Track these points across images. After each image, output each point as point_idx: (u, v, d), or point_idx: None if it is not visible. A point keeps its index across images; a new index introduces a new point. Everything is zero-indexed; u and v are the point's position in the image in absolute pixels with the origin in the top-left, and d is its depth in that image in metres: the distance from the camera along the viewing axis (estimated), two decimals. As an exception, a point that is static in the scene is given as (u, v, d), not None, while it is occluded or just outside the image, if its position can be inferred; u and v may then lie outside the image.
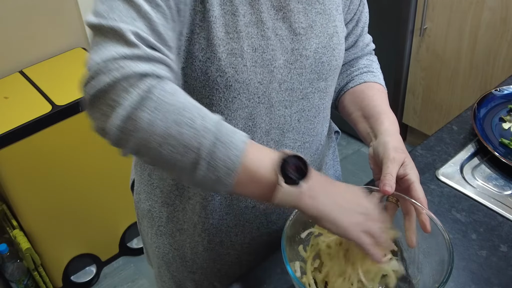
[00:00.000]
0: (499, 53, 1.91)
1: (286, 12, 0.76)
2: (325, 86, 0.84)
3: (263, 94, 0.76)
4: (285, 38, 0.76)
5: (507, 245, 0.84)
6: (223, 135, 0.59)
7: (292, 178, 0.61)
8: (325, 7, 0.80)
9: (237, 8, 0.72)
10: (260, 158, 0.61)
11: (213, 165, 0.58)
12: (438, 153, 1.03)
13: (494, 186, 0.96)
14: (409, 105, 2.36)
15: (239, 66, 0.72)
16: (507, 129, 1.07)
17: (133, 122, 0.56)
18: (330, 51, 0.81)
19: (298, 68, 0.78)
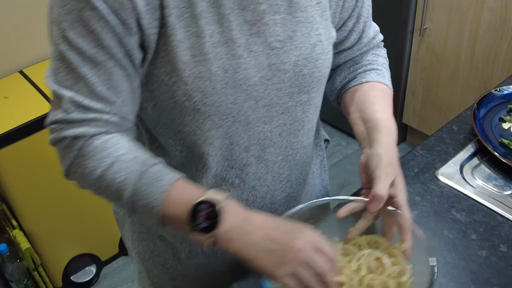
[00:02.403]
0: (499, 53, 1.91)
1: (260, 26, 0.72)
2: (308, 99, 0.80)
3: (238, 113, 0.74)
4: (260, 53, 0.72)
5: (507, 245, 0.84)
6: (143, 187, 0.67)
7: (201, 227, 0.65)
8: (307, 14, 0.75)
9: (203, 29, 0.68)
10: (175, 207, 0.67)
11: (138, 212, 0.69)
12: (438, 153, 1.03)
13: (494, 186, 0.96)
14: (409, 105, 2.36)
15: (207, 89, 0.70)
16: (507, 129, 1.07)
17: (72, 175, 0.72)
18: (312, 62, 0.76)
19: (276, 83, 0.74)
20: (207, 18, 0.68)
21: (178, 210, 0.66)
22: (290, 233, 0.65)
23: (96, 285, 1.98)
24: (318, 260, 0.64)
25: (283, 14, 0.73)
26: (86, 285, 1.95)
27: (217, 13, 0.68)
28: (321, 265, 0.64)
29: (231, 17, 0.69)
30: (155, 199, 0.67)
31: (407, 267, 0.70)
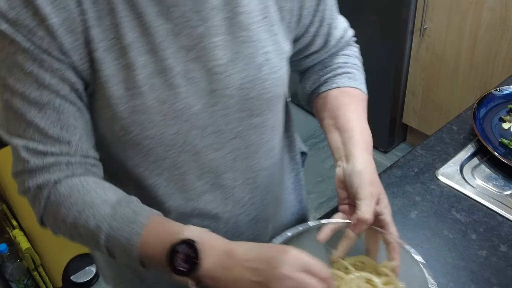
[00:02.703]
0: (499, 53, 1.91)
1: (199, 51, 0.67)
2: (261, 121, 0.75)
3: (183, 144, 0.70)
4: (200, 80, 0.67)
5: (507, 245, 0.84)
6: (115, 232, 0.64)
7: (180, 270, 0.61)
8: (251, 33, 0.69)
9: (134, 60, 0.64)
10: (152, 250, 0.63)
11: (116, 257, 0.66)
12: (438, 153, 1.03)
13: (493, 186, 0.96)
14: (409, 105, 2.36)
15: (145, 123, 0.66)
16: (507, 129, 1.07)
17: (46, 224, 0.70)
18: (259, 84, 0.71)
19: (222, 110, 0.70)
20: (138, 49, 0.64)
21: (155, 252, 0.62)
22: (272, 261, 0.59)
23: (96, 285, 1.98)
24: (308, 282, 0.59)
25: (223, 36, 0.68)
26: (86, 285, 1.95)
27: (149, 42, 0.64)
28: (308, 285, 0.59)
29: (164, 45, 0.65)
30: (130, 244, 0.63)
31: (400, 285, 0.69)
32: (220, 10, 0.67)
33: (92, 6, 0.61)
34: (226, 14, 0.68)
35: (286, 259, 0.59)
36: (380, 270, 0.71)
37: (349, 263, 0.72)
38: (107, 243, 0.64)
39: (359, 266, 0.73)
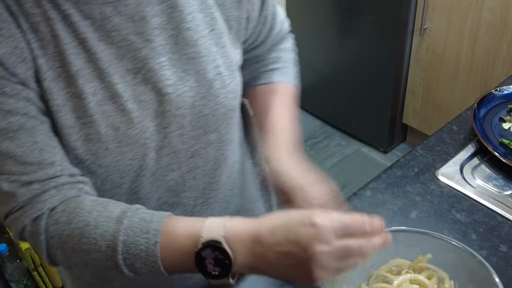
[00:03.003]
0: (499, 53, 1.91)
1: (145, 73, 0.65)
2: (218, 137, 0.74)
3: (139, 168, 0.68)
4: (151, 102, 0.66)
5: (507, 245, 0.84)
6: (130, 248, 0.58)
7: (214, 275, 0.57)
8: (199, 48, 0.68)
9: (83, 88, 0.62)
10: (177, 258, 0.58)
11: (139, 273, 0.60)
12: (438, 153, 1.03)
13: (494, 186, 0.96)
14: (409, 105, 2.36)
15: (99, 151, 0.64)
16: (507, 129, 1.06)
17: (55, 259, 0.63)
18: (212, 100, 0.69)
19: (176, 130, 0.69)
20: (86, 76, 0.62)
21: (181, 260, 0.58)
22: (301, 241, 0.54)
23: (96, 285, 1.98)
24: (350, 246, 0.55)
25: (169, 54, 0.66)
26: (86, 285, 1.95)
27: (95, 68, 0.62)
28: (353, 251, 0.55)
29: (111, 70, 0.63)
30: (150, 256, 0.58)
31: (443, 273, 0.71)
32: (164, 29, 0.66)
33: (34, 35, 0.59)
34: (170, 32, 0.66)
35: (314, 234, 0.54)
36: (417, 267, 0.72)
37: (385, 271, 0.73)
38: (125, 262, 0.59)
39: (394, 270, 0.73)
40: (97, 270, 0.62)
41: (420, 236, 0.74)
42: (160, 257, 0.58)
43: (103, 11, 0.61)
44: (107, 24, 0.62)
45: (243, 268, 0.57)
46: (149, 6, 0.64)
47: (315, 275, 0.54)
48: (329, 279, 0.57)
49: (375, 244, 0.56)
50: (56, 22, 0.60)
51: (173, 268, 0.59)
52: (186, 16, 0.66)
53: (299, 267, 0.55)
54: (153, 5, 0.64)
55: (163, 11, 0.65)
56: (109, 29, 0.62)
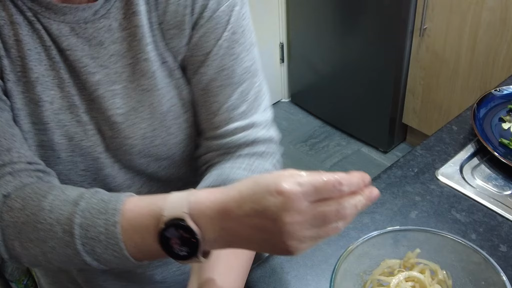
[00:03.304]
0: (499, 53, 1.91)
1: (95, 98, 0.64)
2: (170, 162, 0.72)
3: (94, 180, 0.68)
4: (102, 123, 0.65)
5: (507, 245, 0.84)
6: (87, 231, 0.53)
7: (182, 255, 0.52)
8: (155, 81, 0.65)
9: (41, 95, 0.61)
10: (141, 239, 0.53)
11: (102, 261, 0.54)
12: (437, 153, 1.03)
13: (493, 186, 0.96)
14: (409, 105, 2.36)
15: (51, 158, 0.63)
16: (506, 129, 1.06)
17: (13, 252, 0.56)
18: (164, 131, 0.67)
19: (125, 155, 0.67)
20: (46, 83, 0.61)
21: (145, 242, 0.52)
22: (269, 212, 0.47)
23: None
24: (322, 211, 0.48)
25: (124, 83, 0.64)
26: (86, 285, 1.95)
27: (57, 76, 0.62)
28: (331, 213, 0.48)
29: (71, 81, 0.63)
30: (111, 238, 0.53)
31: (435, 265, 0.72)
32: (122, 57, 0.64)
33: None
34: (128, 61, 0.64)
35: (282, 204, 0.47)
36: (408, 264, 0.72)
37: (378, 275, 0.73)
38: (85, 247, 0.53)
39: (387, 272, 0.74)
40: (59, 262, 0.56)
41: (420, 235, 0.74)
42: (122, 239, 0.52)
43: (61, 29, 0.61)
44: (63, 42, 0.61)
45: (215, 244, 0.52)
46: (110, 32, 0.63)
47: (290, 247, 0.49)
48: (309, 248, 0.50)
49: (356, 203, 0.49)
50: (22, 27, 0.59)
51: (139, 252, 0.53)
52: (144, 47, 0.64)
53: (272, 240, 0.49)
54: (113, 31, 0.63)
55: (124, 39, 0.64)
56: (64, 47, 0.61)
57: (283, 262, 0.82)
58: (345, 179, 0.48)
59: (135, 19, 0.63)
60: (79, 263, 0.55)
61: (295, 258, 0.83)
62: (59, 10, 0.60)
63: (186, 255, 0.51)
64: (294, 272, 0.81)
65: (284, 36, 2.74)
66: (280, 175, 0.48)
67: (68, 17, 0.60)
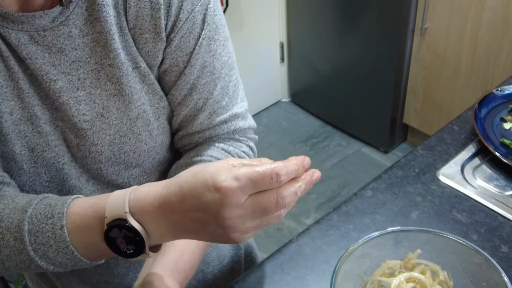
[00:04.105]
0: (500, 52, 1.91)
1: (59, 105, 0.63)
2: (142, 171, 0.71)
3: (59, 191, 0.66)
4: (67, 131, 0.64)
5: (508, 245, 0.84)
6: (37, 236, 0.54)
7: (130, 253, 0.52)
8: (122, 86, 0.65)
9: (0, 107, 0.60)
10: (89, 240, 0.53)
11: (57, 264, 0.55)
12: (438, 153, 1.03)
13: (495, 186, 0.95)
14: (409, 105, 2.36)
15: (14, 170, 0.62)
16: (508, 129, 1.06)
17: None
18: (133, 137, 0.67)
19: (94, 164, 0.66)
20: (5, 94, 0.60)
21: (94, 244, 0.53)
22: (209, 207, 0.48)
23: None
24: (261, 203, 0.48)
25: (89, 89, 0.63)
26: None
27: (16, 87, 0.61)
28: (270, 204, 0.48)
29: (31, 91, 0.62)
30: (60, 241, 0.53)
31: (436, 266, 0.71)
32: (85, 63, 0.63)
33: None
34: (92, 67, 0.64)
35: (220, 200, 0.47)
36: (408, 265, 0.72)
37: (379, 276, 0.73)
38: (37, 253, 0.54)
39: (387, 273, 0.73)
40: (17, 268, 0.57)
41: (421, 235, 0.73)
42: (72, 242, 0.53)
43: (20, 37, 0.60)
44: (22, 50, 0.60)
45: (162, 238, 0.52)
46: (70, 39, 0.62)
47: (235, 239, 0.50)
48: (254, 235, 0.51)
49: (296, 190, 0.49)
50: None
51: (90, 253, 0.54)
52: (109, 53, 0.64)
53: (216, 232, 0.50)
54: (74, 38, 0.62)
55: (86, 45, 0.63)
56: (24, 56, 0.60)
57: (283, 262, 0.82)
58: (282, 169, 0.48)
59: (98, 25, 0.62)
60: (36, 268, 0.56)
61: (295, 259, 0.83)
62: (16, 19, 0.59)
63: (133, 253, 0.52)
64: (294, 273, 0.80)
65: (284, 35, 2.74)
66: (218, 168, 0.49)
67: (26, 25, 0.59)
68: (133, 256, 0.53)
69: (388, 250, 0.74)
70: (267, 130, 2.69)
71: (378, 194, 0.94)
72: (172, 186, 0.51)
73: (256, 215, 0.49)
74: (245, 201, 0.48)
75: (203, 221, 0.49)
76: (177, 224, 0.51)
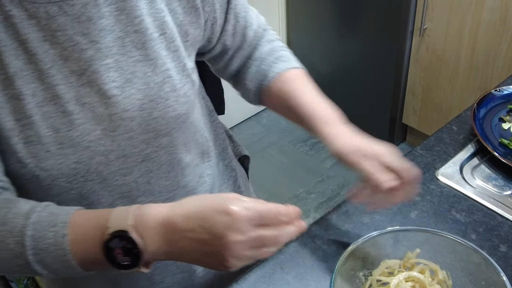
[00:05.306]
0: (499, 53, 1.91)
1: (90, 74, 0.64)
2: (170, 141, 0.72)
3: (87, 172, 0.67)
4: (96, 105, 0.65)
5: (507, 245, 0.84)
6: (38, 242, 0.57)
7: (124, 265, 0.56)
8: (147, 51, 0.67)
9: (22, 89, 0.61)
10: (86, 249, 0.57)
11: (52, 270, 0.58)
12: (437, 153, 1.03)
13: (493, 186, 0.96)
14: (408, 105, 2.36)
15: (40, 153, 0.62)
16: (506, 129, 1.07)
17: None
18: (162, 102, 0.68)
19: (124, 133, 0.67)
20: (25, 77, 0.61)
21: (90, 254, 0.57)
22: (215, 229, 0.54)
23: (96, 285, 1.97)
24: (264, 236, 0.55)
25: (116, 56, 0.65)
26: (86, 285, 1.95)
27: (36, 69, 0.61)
28: (266, 240, 0.55)
29: (53, 71, 0.62)
30: (59, 249, 0.56)
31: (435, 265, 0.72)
32: (111, 31, 0.65)
33: None
34: (117, 34, 0.65)
35: (229, 223, 0.53)
36: (408, 264, 0.73)
37: (378, 275, 0.73)
38: (35, 257, 0.57)
39: (387, 272, 0.74)
40: (9, 271, 0.60)
41: (420, 235, 0.74)
42: (70, 250, 0.56)
43: (48, 10, 0.60)
44: (52, 23, 0.61)
45: (156, 255, 0.57)
46: (96, 7, 0.63)
47: (229, 263, 0.55)
48: (241, 266, 0.57)
49: (289, 232, 0.57)
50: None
51: (85, 263, 0.58)
52: (133, 19, 0.66)
53: (213, 254, 0.55)
54: (100, 6, 0.63)
55: (110, 13, 0.65)
56: (54, 28, 0.61)
57: (283, 262, 0.82)
58: (284, 210, 0.56)
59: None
60: (30, 272, 0.58)
61: (295, 259, 0.83)
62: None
63: (128, 265, 0.56)
64: (294, 272, 0.81)
65: (284, 36, 2.74)
66: (227, 197, 0.56)
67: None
68: (126, 268, 0.56)
69: (387, 249, 0.74)
70: (267, 130, 2.69)
71: (378, 194, 0.94)
72: (177, 208, 0.57)
73: (254, 245, 0.54)
74: (249, 230, 0.54)
75: (204, 242, 0.54)
76: (173, 243, 0.55)
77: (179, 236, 0.55)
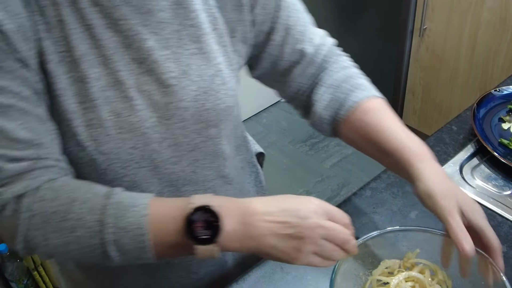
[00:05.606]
0: (499, 53, 1.91)
1: (150, 64, 0.66)
2: (217, 132, 0.74)
3: (141, 158, 0.69)
4: (154, 93, 0.67)
5: (507, 245, 0.84)
6: (119, 220, 0.59)
7: (204, 238, 0.58)
8: (201, 45, 0.70)
9: (87, 73, 0.63)
10: (165, 227, 0.60)
11: (123, 251, 0.60)
12: (437, 153, 1.03)
13: (493, 186, 0.96)
14: (408, 105, 2.36)
15: (101, 137, 0.64)
16: (506, 129, 1.07)
17: (31, 242, 0.61)
18: (213, 95, 0.70)
19: (178, 122, 0.69)
20: (90, 61, 0.63)
21: (169, 231, 0.60)
22: (300, 212, 0.60)
23: (96, 285, 1.98)
24: (336, 230, 0.61)
25: (173, 48, 0.68)
26: (86, 285, 1.95)
27: (100, 54, 0.63)
28: (340, 235, 0.61)
29: (115, 57, 0.64)
30: (139, 227, 0.59)
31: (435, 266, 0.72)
32: (169, 24, 0.67)
33: (40, 17, 0.60)
34: (175, 27, 0.68)
35: (314, 208, 0.61)
36: (408, 264, 0.73)
37: (378, 275, 0.73)
38: (113, 236, 0.59)
39: (386, 272, 0.74)
40: (79, 253, 0.61)
41: (420, 235, 0.74)
42: (149, 230, 0.59)
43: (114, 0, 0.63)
44: (115, 12, 0.63)
45: (230, 236, 0.59)
46: (155, 0, 0.66)
47: (304, 248, 0.59)
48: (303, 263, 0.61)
49: (354, 242, 0.63)
50: (64, 7, 0.61)
51: (160, 244, 0.60)
52: (190, 13, 0.69)
53: (292, 237, 0.59)
54: (160, 0, 0.67)
55: (169, 7, 0.67)
56: (116, 17, 0.64)
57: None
58: (345, 214, 0.63)
59: None
60: (99, 254, 0.60)
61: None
62: None
63: (206, 239, 0.58)
64: (294, 272, 0.81)
65: (284, 36, 2.74)
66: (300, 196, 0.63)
67: None
68: (203, 242, 0.58)
69: (387, 249, 0.74)
70: (267, 130, 2.69)
71: (377, 194, 0.94)
72: (255, 198, 0.63)
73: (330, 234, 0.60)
74: (325, 221, 0.60)
75: (286, 224, 0.59)
76: (250, 225, 0.60)
77: (257, 219, 0.60)
